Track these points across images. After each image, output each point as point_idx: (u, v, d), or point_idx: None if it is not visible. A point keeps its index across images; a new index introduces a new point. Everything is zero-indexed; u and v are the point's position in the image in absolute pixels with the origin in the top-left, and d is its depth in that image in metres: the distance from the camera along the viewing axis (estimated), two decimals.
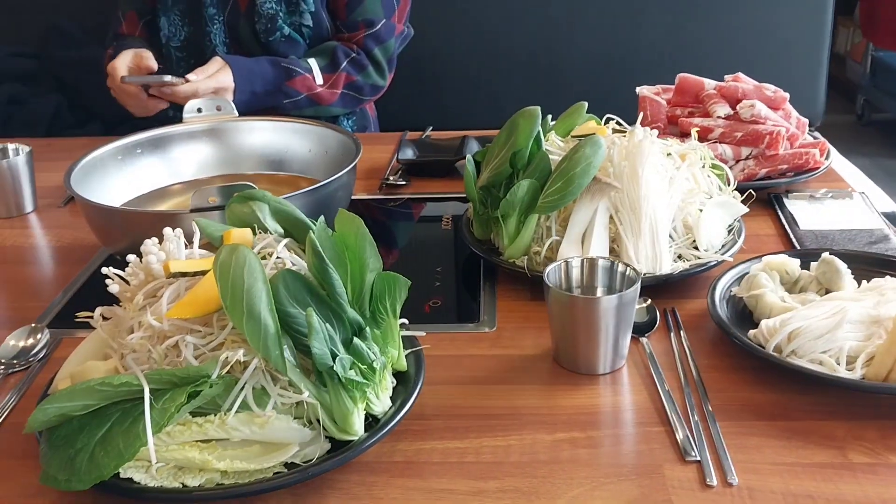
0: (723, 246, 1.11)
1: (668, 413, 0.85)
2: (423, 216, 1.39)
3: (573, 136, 1.16)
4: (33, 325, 1.05)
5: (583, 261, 0.95)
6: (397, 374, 0.87)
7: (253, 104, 1.58)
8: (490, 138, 1.54)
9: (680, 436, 0.82)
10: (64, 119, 2.37)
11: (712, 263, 1.07)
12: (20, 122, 2.24)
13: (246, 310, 0.74)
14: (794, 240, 1.20)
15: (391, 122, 1.96)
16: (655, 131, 1.09)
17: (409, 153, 1.54)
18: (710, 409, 0.86)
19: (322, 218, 0.86)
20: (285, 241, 0.87)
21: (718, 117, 1.37)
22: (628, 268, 0.92)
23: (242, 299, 0.74)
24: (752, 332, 0.93)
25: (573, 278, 0.95)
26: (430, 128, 1.73)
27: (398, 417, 0.80)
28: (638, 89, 1.45)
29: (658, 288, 1.05)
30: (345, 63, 1.69)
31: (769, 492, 0.75)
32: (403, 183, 1.48)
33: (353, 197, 1.30)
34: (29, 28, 2.38)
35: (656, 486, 0.76)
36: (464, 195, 1.42)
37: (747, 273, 1.03)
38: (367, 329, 0.83)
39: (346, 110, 1.77)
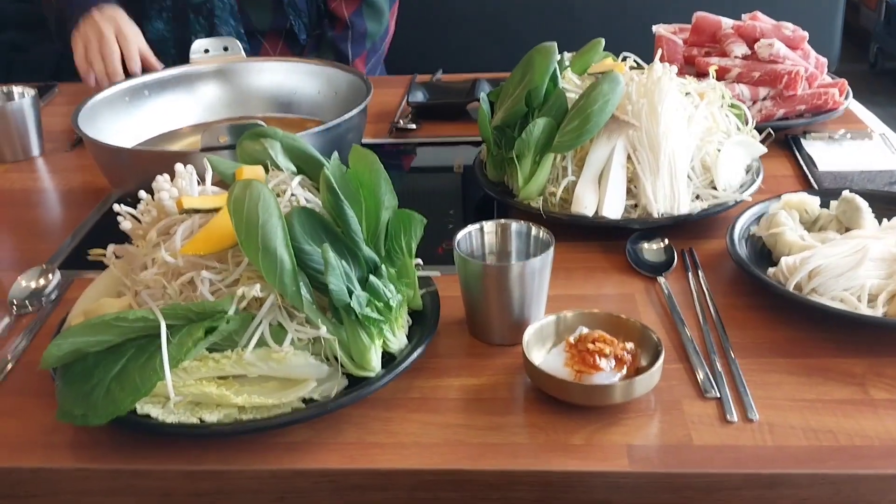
0: (741, 186, 1.10)
1: (687, 350, 0.84)
2: (434, 159, 1.37)
3: (590, 74, 1.14)
4: (44, 265, 1.04)
5: (496, 225, 0.90)
6: (413, 313, 0.86)
7: None
8: (503, 80, 1.52)
9: (699, 373, 0.81)
10: (69, 65, 2.34)
11: (731, 203, 1.05)
12: (23, 68, 2.21)
13: (261, 245, 0.73)
14: (812, 180, 1.18)
15: (399, 66, 1.93)
16: (675, 68, 1.07)
17: (419, 96, 1.52)
18: (730, 346, 0.85)
19: (336, 154, 0.85)
20: (299, 177, 0.86)
21: (736, 57, 1.34)
22: (541, 230, 0.88)
23: (257, 234, 0.73)
24: (771, 270, 0.92)
25: (486, 245, 0.90)
26: (441, 70, 1.70)
27: (415, 354, 0.80)
28: (654, 28, 1.42)
29: (676, 228, 1.04)
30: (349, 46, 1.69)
31: (789, 427, 0.75)
32: (414, 126, 1.46)
33: (363, 140, 1.28)
34: None
35: (675, 421, 0.76)
36: (476, 138, 1.40)
37: (766, 213, 1.01)
38: (383, 267, 0.82)
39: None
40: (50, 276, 1.02)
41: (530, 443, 0.74)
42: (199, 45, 1.32)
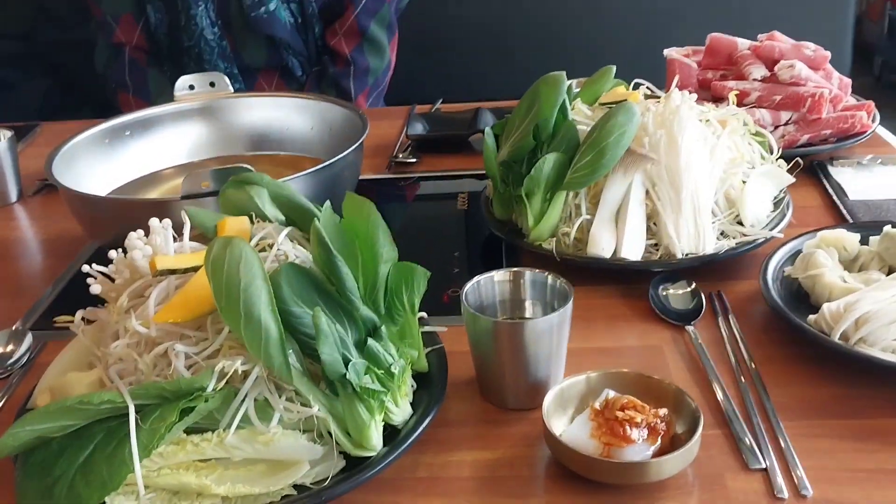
0: (769, 220, 1.01)
1: (726, 413, 0.75)
2: (436, 195, 1.29)
3: (601, 104, 1.05)
4: (14, 327, 0.95)
5: (508, 274, 0.81)
6: (417, 376, 0.77)
7: None
8: (506, 110, 1.44)
9: (742, 440, 0.72)
10: (54, 103, 2.27)
11: (760, 241, 0.96)
12: (8, 107, 2.14)
13: (243, 312, 0.64)
14: (844, 211, 1.10)
15: (396, 95, 1.85)
16: (694, 95, 0.99)
17: (418, 128, 1.43)
18: (772, 407, 0.76)
19: (328, 203, 0.76)
20: (287, 230, 0.77)
21: (754, 80, 1.26)
22: (559, 280, 0.79)
23: (239, 300, 0.64)
24: (811, 317, 0.83)
25: (498, 295, 0.82)
26: (440, 100, 1.62)
27: (421, 427, 0.71)
28: (666, 52, 1.35)
29: (701, 270, 0.95)
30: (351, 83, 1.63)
31: None
32: (414, 160, 1.37)
33: (360, 177, 1.20)
34: (15, 8, 2.27)
35: (718, 500, 0.67)
36: (480, 172, 1.32)
37: (800, 251, 0.93)
38: (383, 327, 0.73)
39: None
40: (21, 339, 0.93)
41: None
42: (183, 81, 1.24)
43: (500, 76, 2.12)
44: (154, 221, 0.76)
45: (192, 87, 1.25)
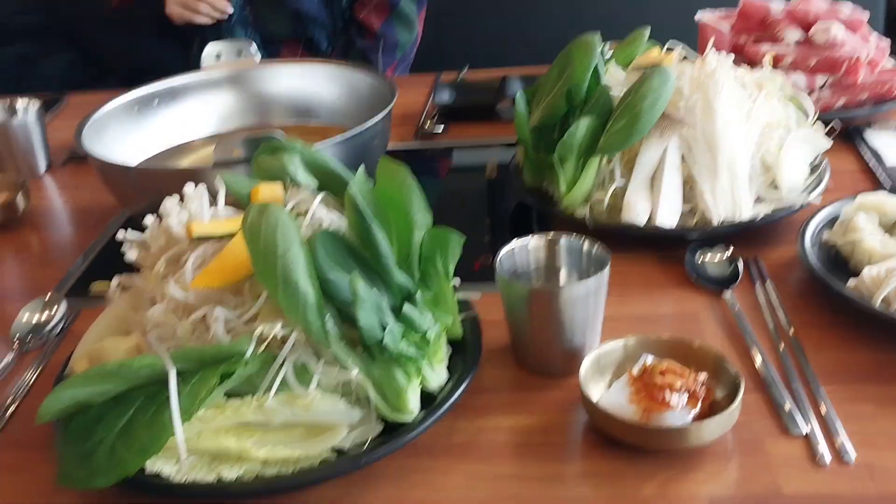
0: (806, 186, 0.99)
1: (764, 378, 0.74)
2: (465, 164, 1.28)
3: (634, 68, 1.04)
4: (48, 296, 0.96)
5: (543, 240, 0.80)
6: (452, 343, 0.77)
7: None
8: (534, 77, 1.41)
9: (782, 405, 0.71)
10: (78, 76, 2.27)
11: (798, 206, 0.95)
12: (32, 81, 2.14)
13: (281, 277, 0.64)
14: (881, 177, 1.08)
15: (420, 63, 1.83)
16: (731, 57, 0.97)
17: (445, 96, 1.42)
18: (812, 372, 0.75)
19: (362, 168, 0.76)
20: (321, 196, 0.77)
21: (789, 43, 1.23)
22: (595, 245, 0.78)
23: (276, 266, 0.64)
24: (851, 282, 0.82)
25: (532, 262, 0.81)
26: (466, 67, 1.60)
27: (458, 392, 0.70)
28: (698, 15, 1.32)
29: (738, 236, 0.93)
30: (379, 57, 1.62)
31: (893, 469, 0.65)
32: (441, 129, 1.36)
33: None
34: None
35: (759, 465, 0.66)
36: (507, 140, 1.31)
37: (838, 216, 0.91)
38: (418, 293, 0.73)
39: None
40: (55, 307, 0.94)
41: (595, 495, 0.64)
42: (210, 49, 1.23)
43: (525, 43, 2.10)
44: (189, 187, 0.76)
45: (218, 56, 1.24)
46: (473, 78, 1.56)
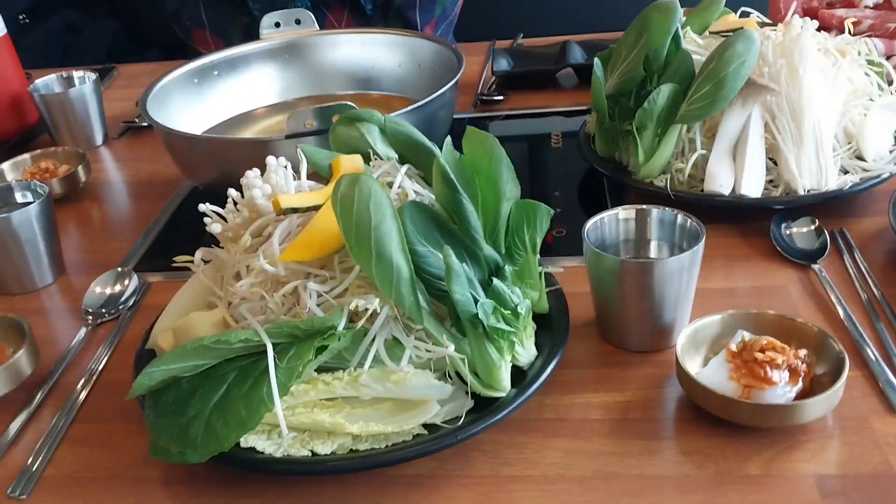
0: (891, 155, 0.96)
1: (864, 353, 0.72)
2: (529, 134, 1.25)
3: (712, 33, 1.00)
4: (119, 269, 0.95)
5: (634, 212, 0.77)
6: (535, 318, 0.75)
7: None
8: (596, 43, 1.39)
9: (887, 382, 0.69)
10: (122, 46, 2.27)
11: (886, 175, 0.91)
12: (79, 50, 2.14)
13: (375, 251, 0.62)
14: None
15: (465, 32, 1.79)
16: (815, 23, 0.93)
17: (503, 64, 1.39)
18: None
19: (449, 139, 0.74)
20: (406, 167, 0.75)
21: (866, 7, 1.19)
22: (689, 219, 0.75)
23: (370, 238, 0.62)
24: None
25: (620, 234, 0.78)
26: (521, 35, 1.57)
27: (550, 367, 0.69)
28: None
29: (822, 207, 0.91)
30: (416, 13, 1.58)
31: None
32: (500, 98, 1.34)
33: None
34: None
35: (866, 444, 0.64)
36: (568, 109, 1.29)
37: None
38: (507, 267, 0.71)
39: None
40: (126, 280, 0.93)
41: (699, 473, 0.63)
42: (269, 19, 1.21)
43: (575, 7, 2.05)
44: (271, 159, 0.74)
45: (277, 25, 1.22)
46: (529, 44, 1.52)
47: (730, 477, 0.62)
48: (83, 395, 0.78)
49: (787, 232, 0.88)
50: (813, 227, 0.88)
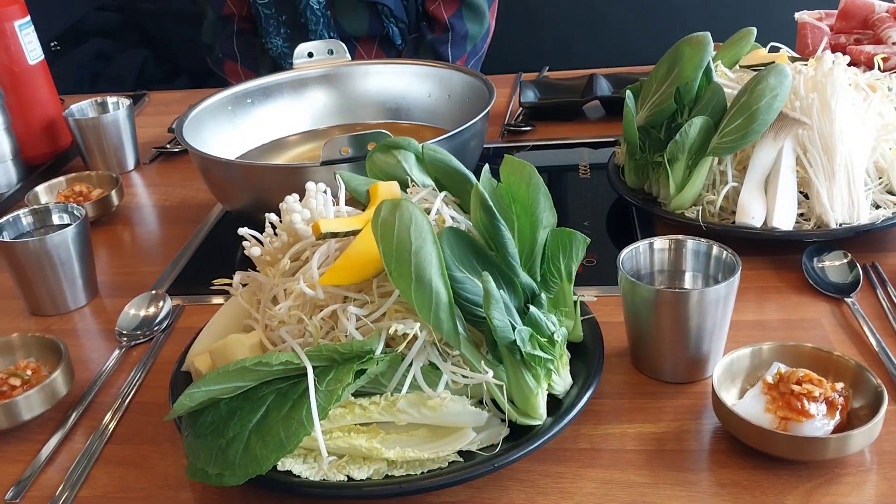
0: None
1: None
2: (557, 165, 1.26)
3: (743, 67, 1.01)
4: (153, 291, 0.96)
5: (669, 242, 0.78)
6: (570, 346, 0.75)
7: None
8: (623, 77, 1.40)
9: None
10: (151, 73, 2.30)
11: None
12: (108, 77, 2.18)
13: (414, 275, 0.63)
14: None
15: (491, 65, 1.82)
16: (847, 58, 0.94)
17: (531, 95, 1.41)
18: None
19: (487, 166, 0.75)
20: (442, 194, 0.76)
21: (894, 43, 1.20)
22: (725, 250, 0.75)
23: (410, 263, 0.63)
24: None
25: (655, 265, 0.79)
26: (547, 67, 1.58)
27: (586, 396, 0.69)
28: (797, 15, 1.29)
29: (854, 241, 0.91)
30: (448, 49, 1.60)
31: None
32: (528, 128, 1.35)
33: None
34: None
35: None
36: (595, 140, 1.30)
37: None
38: (542, 295, 0.71)
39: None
40: (160, 303, 0.94)
41: None
42: (302, 48, 1.23)
43: (597, 45, 2.07)
44: (311, 184, 0.75)
45: (310, 55, 1.24)
46: (555, 77, 1.54)
47: None
48: (118, 416, 0.79)
49: (820, 265, 0.88)
50: (846, 261, 0.88)
